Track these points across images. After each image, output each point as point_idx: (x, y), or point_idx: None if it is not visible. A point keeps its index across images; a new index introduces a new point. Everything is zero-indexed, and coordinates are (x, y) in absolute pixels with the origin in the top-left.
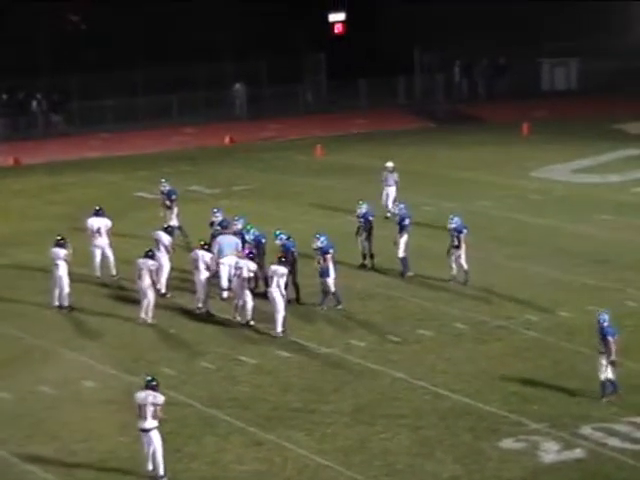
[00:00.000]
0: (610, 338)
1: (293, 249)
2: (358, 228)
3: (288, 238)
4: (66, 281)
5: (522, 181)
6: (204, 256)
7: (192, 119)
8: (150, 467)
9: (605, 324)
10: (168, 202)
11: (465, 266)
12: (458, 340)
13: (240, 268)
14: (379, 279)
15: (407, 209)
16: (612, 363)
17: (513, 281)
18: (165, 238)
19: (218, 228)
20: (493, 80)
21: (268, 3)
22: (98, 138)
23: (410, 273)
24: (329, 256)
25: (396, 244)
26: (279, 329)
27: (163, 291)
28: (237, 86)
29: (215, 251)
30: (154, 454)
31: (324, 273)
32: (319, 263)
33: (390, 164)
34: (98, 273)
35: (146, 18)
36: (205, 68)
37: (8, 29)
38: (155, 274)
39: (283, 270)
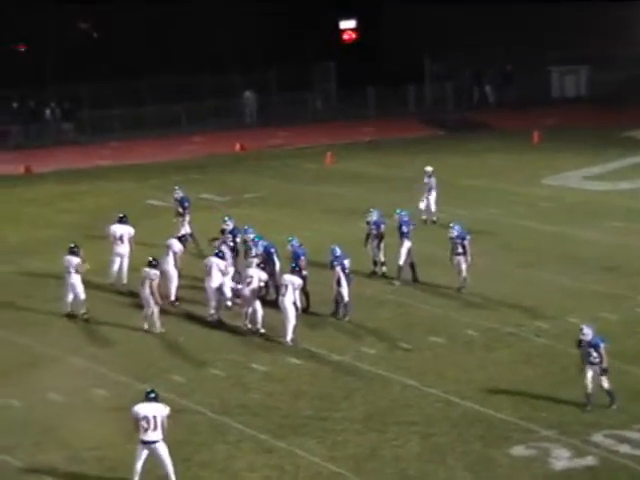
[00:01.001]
0: (602, 345)
1: (303, 257)
2: (367, 235)
3: (300, 245)
4: (80, 287)
5: (532, 188)
6: (218, 263)
7: (200, 128)
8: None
9: (590, 337)
10: (181, 209)
11: (464, 273)
12: (468, 347)
13: (251, 277)
14: (389, 286)
15: (409, 216)
16: (605, 371)
17: (522, 288)
18: (177, 246)
19: (229, 236)
20: (502, 88)
21: (278, 12)
22: (108, 147)
23: (397, 282)
24: (338, 268)
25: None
26: (289, 338)
27: (172, 299)
28: (247, 94)
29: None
30: (162, 463)
31: (338, 283)
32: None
33: (429, 168)
34: (112, 280)
35: (149, 26)
36: (214, 77)
37: (18, 37)
38: (156, 284)
39: (299, 281)
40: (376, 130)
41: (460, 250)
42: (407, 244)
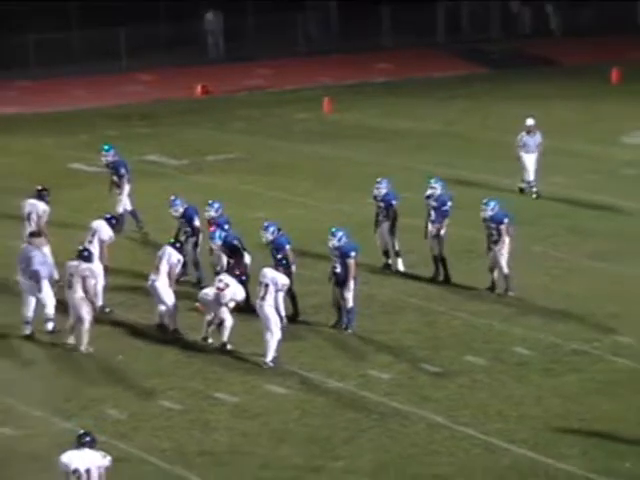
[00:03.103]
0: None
1: (283, 247)
2: (377, 215)
3: (279, 233)
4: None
5: (610, 149)
6: (171, 255)
7: (148, 61)
8: None
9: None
10: (116, 178)
11: (505, 269)
12: (521, 371)
13: (225, 285)
14: (411, 286)
15: (446, 188)
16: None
17: (599, 289)
18: (105, 232)
19: (182, 220)
20: (571, 8)
21: None
22: (15, 87)
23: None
24: (351, 261)
25: (431, 236)
26: (270, 357)
27: (100, 303)
28: (210, 15)
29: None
30: None
31: (340, 282)
32: (334, 268)
33: (531, 121)
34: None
35: None
36: None
37: None
38: (91, 283)
39: (284, 280)
40: (393, 67)
41: (495, 238)
42: (446, 228)
